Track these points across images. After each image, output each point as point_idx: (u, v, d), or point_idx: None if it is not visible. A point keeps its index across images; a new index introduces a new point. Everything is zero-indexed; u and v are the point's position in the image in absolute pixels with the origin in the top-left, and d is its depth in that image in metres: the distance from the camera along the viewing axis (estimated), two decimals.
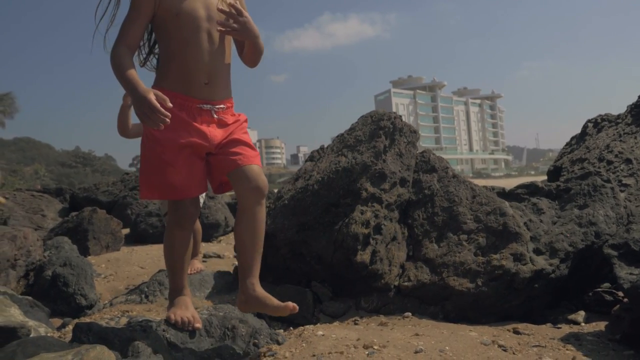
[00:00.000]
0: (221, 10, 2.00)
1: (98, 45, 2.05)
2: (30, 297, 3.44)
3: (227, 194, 6.25)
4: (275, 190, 4.22)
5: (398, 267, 2.91)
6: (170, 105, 1.80)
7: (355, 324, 2.67)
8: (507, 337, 2.25)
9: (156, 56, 2.21)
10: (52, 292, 3.75)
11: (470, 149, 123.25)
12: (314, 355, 1.85)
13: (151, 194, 2.09)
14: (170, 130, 1.92)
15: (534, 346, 2.12)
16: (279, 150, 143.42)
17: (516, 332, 2.36)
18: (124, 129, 3.28)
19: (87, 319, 3.08)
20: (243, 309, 2.14)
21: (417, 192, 3.20)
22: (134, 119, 3.29)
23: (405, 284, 2.82)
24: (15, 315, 2.78)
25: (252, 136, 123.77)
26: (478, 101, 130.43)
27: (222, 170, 2.07)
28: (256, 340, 2.26)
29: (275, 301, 2.01)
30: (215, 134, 2.04)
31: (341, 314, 2.84)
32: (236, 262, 4.81)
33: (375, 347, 1.94)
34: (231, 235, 7.10)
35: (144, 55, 2.21)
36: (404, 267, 2.93)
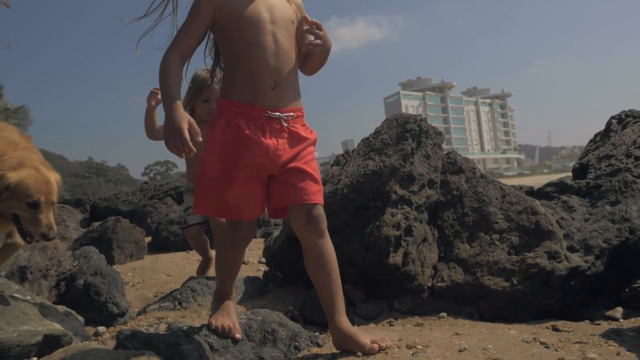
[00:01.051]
0: (307, 30, 1.97)
1: (133, 45, 2.05)
2: (64, 306, 3.49)
3: None
4: None
5: (430, 268, 2.93)
6: (200, 139, 1.76)
7: (391, 325, 2.69)
8: (547, 335, 2.26)
9: (220, 66, 2.16)
10: (84, 301, 3.79)
11: (482, 149, 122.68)
12: (358, 356, 1.87)
13: (205, 209, 2.03)
14: (233, 148, 1.89)
15: (575, 342, 2.12)
16: None
17: (555, 329, 2.36)
18: (151, 132, 3.36)
19: (125, 327, 3.12)
20: (338, 348, 2.00)
21: (445, 194, 3.22)
22: (160, 119, 3.36)
23: (439, 284, 2.83)
24: (53, 324, 2.84)
25: None
26: (488, 100, 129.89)
27: (281, 200, 1.98)
28: (297, 343, 2.29)
29: (365, 339, 1.91)
30: (283, 151, 1.95)
31: (375, 316, 2.86)
32: (262, 267, 4.85)
33: (419, 346, 1.95)
34: (252, 241, 7.12)
35: (210, 69, 2.18)
36: (436, 267, 2.94)
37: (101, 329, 3.38)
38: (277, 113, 1.93)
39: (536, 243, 2.74)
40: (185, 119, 1.78)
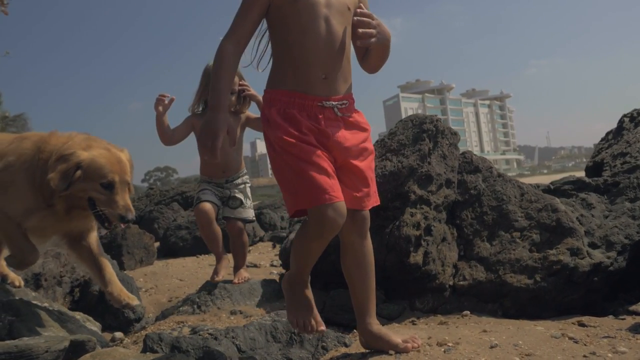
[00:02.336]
0: (357, 22, 1.86)
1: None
2: (81, 313, 3.49)
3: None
4: None
5: (451, 267, 2.93)
6: (235, 145, 1.76)
7: (414, 324, 2.69)
8: (575, 330, 2.26)
9: (262, 55, 2.02)
10: (99, 307, 3.78)
11: (482, 150, 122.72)
12: (390, 354, 1.87)
13: (301, 204, 1.81)
14: (299, 133, 1.79)
15: (603, 337, 2.12)
16: None
17: (581, 324, 2.36)
18: (165, 137, 3.26)
19: (146, 331, 3.12)
20: (367, 348, 1.98)
21: (462, 193, 3.22)
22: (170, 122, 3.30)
23: (461, 283, 2.84)
24: (74, 330, 2.84)
25: (260, 147, 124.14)
26: (487, 102, 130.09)
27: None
28: (324, 344, 2.29)
29: (396, 339, 1.89)
30: (342, 138, 1.85)
31: (397, 316, 2.86)
32: (274, 271, 4.85)
33: (449, 344, 1.95)
34: (260, 245, 7.11)
35: (256, 55, 2.02)
36: (456, 266, 2.95)
37: (118, 334, 3.38)
38: (330, 102, 1.85)
39: (558, 240, 2.75)
40: (224, 126, 1.76)
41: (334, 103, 1.86)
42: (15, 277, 2.99)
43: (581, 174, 3.89)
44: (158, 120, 3.19)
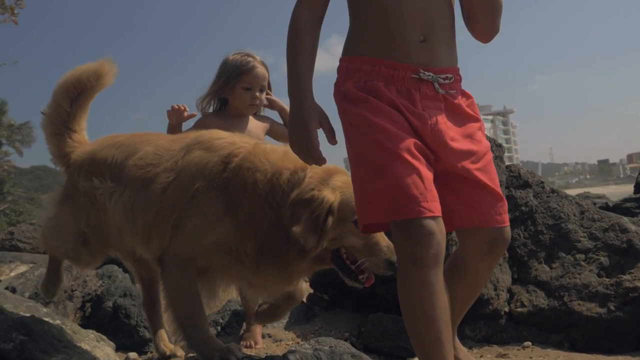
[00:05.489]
0: None
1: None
2: (94, 331, 3.26)
3: None
4: None
5: (505, 291, 2.67)
6: (337, 142, 1.37)
7: None
8: None
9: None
10: (112, 325, 3.55)
11: None
12: None
13: (378, 212, 1.33)
14: (386, 118, 1.34)
15: None
16: None
17: None
18: None
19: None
20: None
21: (512, 210, 2.97)
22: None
23: (519, 309, 2.58)
24: (88, 351, 2.61)
25: None
26: (490, 117, 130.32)
27: (456, 218, 1.42)
28: None
29: None
30: (445, 126, 1.39)
31: None
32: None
33: None
34: None
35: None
36: (511, 291, 2.69)
37: (132, 355, 3.15)
38: (429, 73, 1.39)
39: (630, 264, 2.51)
40: (315, 117, 1.40)
41: (434, 75, 1.40)
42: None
43: (592, 190, 3.64)
44: (172, 130, 2.68)
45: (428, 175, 1.31)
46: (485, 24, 1.50)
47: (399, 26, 1.38)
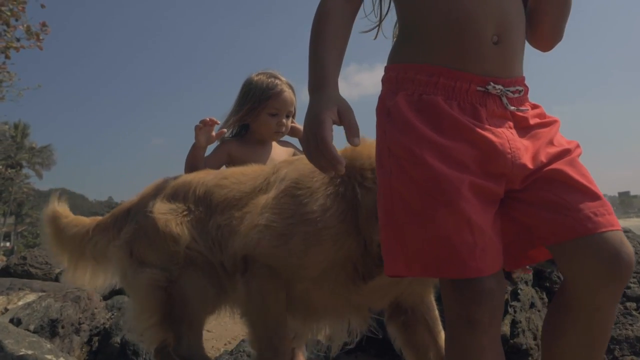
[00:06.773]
0: None
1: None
2: None
3: None
4: None
5: None
6: (359, 142, 1.09)
7: None
8: None
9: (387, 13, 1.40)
10: None
11: None
12: None
13: (406, 264, 1.12)
14: (436, 153, 1.10)
15: None
16: None
17: None
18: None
19: None
20: None
21: None
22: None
23: None
24: None
25: None
26: None
27: (537, 234, 1.13)
28: None
29: None
30: (519, 144, 1.14)
31: None
32: None
33: None
34: None
35: (377, 19, 1.39)
36: None
37: None
38: (499, 86, 1.15)
39: None
40: (332, 105, 1.11)
41: (503, 88, 1.15)
42: None
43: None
44: (196, 153, 2.36)
45: (483, 222, 1.08)
46: (551, 27, 1.29)
47: (467, 23, 1.13)
